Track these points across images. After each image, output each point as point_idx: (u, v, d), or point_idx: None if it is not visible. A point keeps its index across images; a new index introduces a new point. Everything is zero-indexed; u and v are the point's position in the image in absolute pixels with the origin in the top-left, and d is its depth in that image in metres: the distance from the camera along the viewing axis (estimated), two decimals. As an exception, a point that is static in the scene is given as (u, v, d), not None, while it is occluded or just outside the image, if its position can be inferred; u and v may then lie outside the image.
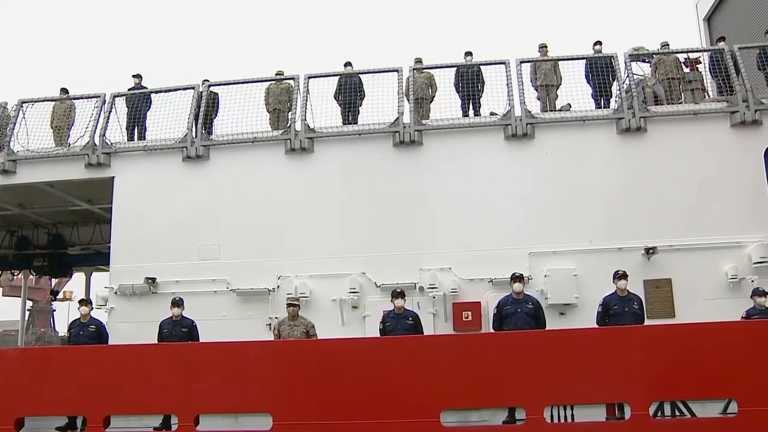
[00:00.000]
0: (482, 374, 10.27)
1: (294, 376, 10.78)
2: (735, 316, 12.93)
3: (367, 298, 15.50)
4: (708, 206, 15.34)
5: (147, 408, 11.05)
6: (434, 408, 10.23)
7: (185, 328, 12.89)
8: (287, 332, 12.51)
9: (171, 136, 17.04)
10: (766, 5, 19.88)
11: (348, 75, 17.32)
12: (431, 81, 17.18)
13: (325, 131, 16.58)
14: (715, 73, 16.85)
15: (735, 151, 15.65)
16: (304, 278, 15.73)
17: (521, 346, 10.64)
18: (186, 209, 16.56)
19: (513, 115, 16.04)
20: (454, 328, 15.11)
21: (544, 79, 16.90)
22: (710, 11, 24.22)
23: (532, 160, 15.96)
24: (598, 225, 15.48)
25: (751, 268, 14.92)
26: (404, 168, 16.19)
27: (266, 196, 16.39)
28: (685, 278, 15.05)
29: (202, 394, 10.75)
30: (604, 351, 10.33)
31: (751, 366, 9.87)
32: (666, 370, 10.18)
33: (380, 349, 11.23)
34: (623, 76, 16.56)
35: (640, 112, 15.87)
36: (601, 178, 15.78)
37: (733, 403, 10.19)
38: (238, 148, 16.80)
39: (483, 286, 15.27)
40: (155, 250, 16.37)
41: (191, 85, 17.54)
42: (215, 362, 10.99)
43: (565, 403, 10.85)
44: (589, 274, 14.88)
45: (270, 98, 17.43)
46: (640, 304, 12.36)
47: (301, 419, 10.41)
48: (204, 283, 15.88)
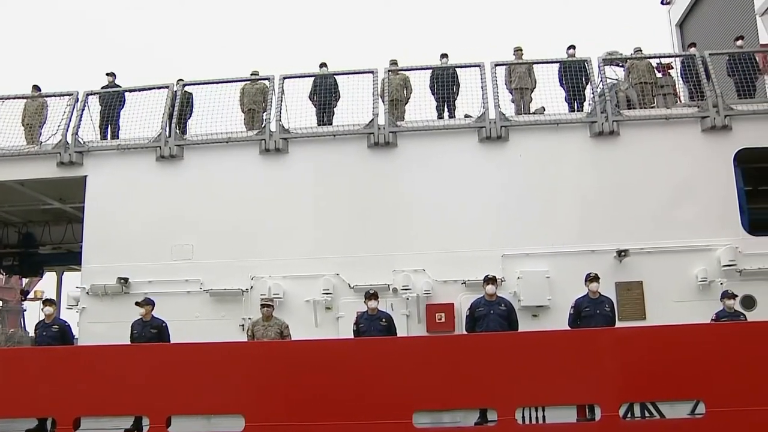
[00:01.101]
0: (454, 376, 10.29)
1: (267, 377, 10.73)
2: (705, 318, 13.11)
3: (340, 300, 15.51)
4: (679, 210, 15.53)
5: (118, 409, 10.95)
6: (407, 409, 10.23)
7: (155, 328, 12.76)
8: (261, 333, 12.45)
9: (145, 135, 16.92)
10: (736, 12, 20.13)
11: (323, 76, 17.30)
12: (406, 83, 17.23)
13: (300, 132, 16.56)
14: (687, 79, 17.10)
15: (705, 156, 15.87)
16: (278, 279, 15.70)
17: (493, 347, 10.68)
18: (159, 209, 16.44)
19: (487, 118, 16.12)
20: (427, 329, 15.16)
21: (519, 82, 17.00)
22: (682, 17, 24.49)
23: (505, 162, 16.05)
24: (570, 227, 15.61)
25: (721, 270, 15.14)
26: (379, 169, 16.21)
27: (240, 197, 16.33)
28: (655, 281, 15.24)
29: (174, 396, 10.67)
30: (575, 353, 10.39)
31: (719, 368, 9.99)
32: (636, 371, 10.26)
33: (353, 350, 11.22)
34: (597, 80, 16.70)
35: (613, 116, 16.02)
36: (574, 181, 15.91)
37: (701, 404, 10.30)
38: (212, 148, 16.72)
39: (456, 287, 15.33)
40: (128, 250, 16.23)
41: (165, 84, 17.41)
42: (187, 363, 10.91)
43: (537, 404, 10.90)
44: (562, 276, 15.01)
45: (245, 98, 17.36)
46: (611, 307, 12.47)
47: (274, 420, 10.37)
48: (177, 284, 15.78)
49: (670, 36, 25.35)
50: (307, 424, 10.28)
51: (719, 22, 21.51)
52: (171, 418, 10.80)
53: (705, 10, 23.11)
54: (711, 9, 22.61)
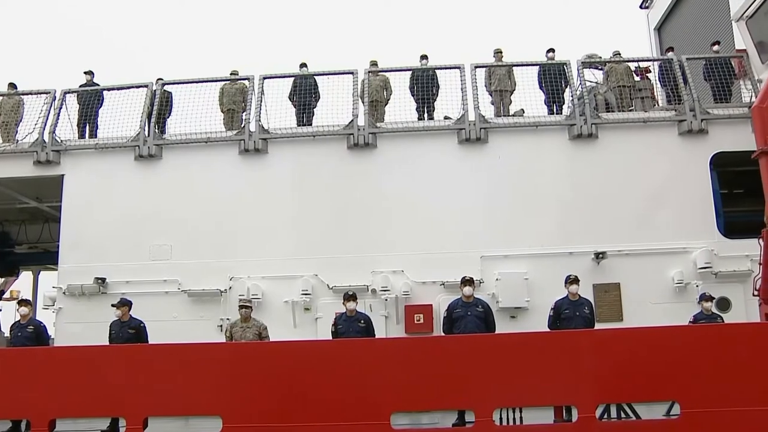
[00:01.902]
0: (432, 377, 10.30)
1: (245, 379, 10.68)
2: (680, 320, 13.23)
3: (319, 300, 15.52)
4: (656, 212, 15.69)
5: (94, 411, 10.86)
6: (385, 410, 10.23)
7: (132, 329, 12.66)
8: (239, 334, 12.42)
9: (123, 134, 16.83)
10: (713, 18, 20.32)
11: (303, 76, 17.28)
12: (386, 84, 17.24)
13: (280, 132, 16.54)
14: (664, 82, 17.27)
15: (682, 159, 16.04)
16: (257, 279, 15.67)
17: (471, 349, 10.69)
18: (138, 209, 16.35)
19: (467, 120, 16.20)
20: (406, 330, 15.21)
21: (498, 85, 17.06)
22: (660, 21, 24.67)
23: (485, 164, 16.13)
24: (549, 229, 15.70)
25: (696, 273, 15.31)
26: (358, 170, 16.23)
27: (219, 197, 16.28)
28: (633, 283, 15.38)
29: (151, 396, 10.60)
30: (552, 354, 10.42)
31: (694, 369, 10.08)
32: (613, 373, 10.32)
33: (331, 351, 11.19)
34: (576, 83, 16.81)
35: (592, 119, 16.15)
36: (552, 183, 16.02)
37: (676, 405, 10.38)
38: (191, 148, 16.66)
39: (435, 288, 15.38)
40: (105, 249, 16.13)
41: (144, 83, 17.34)
42: (165, 364, 10.84)
43: (514, 405, 10.95)
44: (540, 277, 15.11)
45: (224, 98, 17.31)
46: (590, 309, 12.53)
47: (252, 422, 10.32)
48: (155, 284, 15.72)
49: (649, 40, 25.54)
50: (284, 426, 10.24)
51: (696, 27, 21.71)
52: (148, 419, 10.72)
53: (683, 15, 23.32)
54: (688, 14, 22.81)
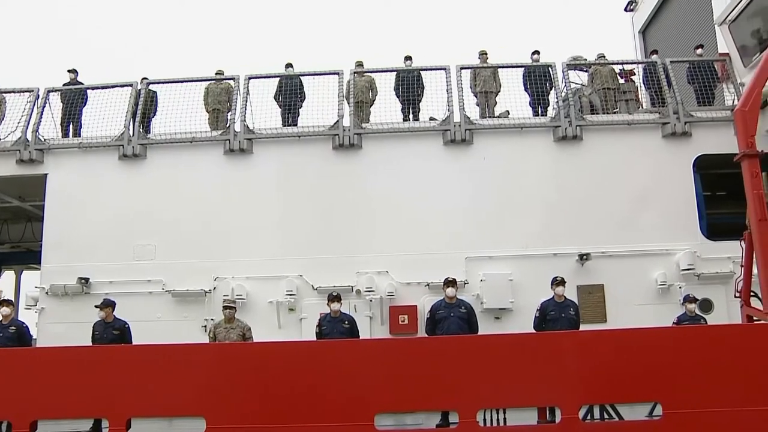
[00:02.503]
0: (416, 378, 10.31)
1: (228, 380, 10.66)
2: (663, 321, 13.34)
3: (303, 301, 15.50)
4: (640, 214, 15.78)
5: (76, 412, 10.80)
6: (369, 411, 10.23)
7: (117, 330, 12.61)
8: (223, 335, 12.39)
9: (107, 133, 16.73)
10: (697, 22, 20.45)
11: (289, 76, 17.25)
12: (372, 85, 17.24)
13: (265, 132, 16.51)
14: (649, 85, 17.38)
15: (666, 161, 16.15)
16: (241, 280, 15.64)
17: (455, 350, 10.71)
18: (122, 208, 16.26)
19: (452, 121, 16.23)
20: (390, 331, 15.22)
21: (484, 86, 17.10)
22: (645, 24, 24.79)
23: (470, 165, 16.17)
24: (533, 231, 15.75)
25: (679, 274, 15.43)
26: (343, 171, 16.23)
27: (204, 197, 16.23)
28: (616, 284, 15.47)
29: (134, 398, 10.54)
30: (535, 355, 10.46)
31: (676, 370, 10.14)
32: (596, 374, 10.37)
33: (315, 352, 11.18)
34: (561, 85, 16.88)
35: (577, 121, 16.21)
36: (537, 184, 16.08)
37: (658, 406, 10.44)
38: (176, 147, 16.59)
39: (420, 289, 15.41)
40: (89, 249, 16.03)
41: (129, 82, 17.26)
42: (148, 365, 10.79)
43: (498, 406, 10.99)
44: (525, 279, 15.16)
45: (209, 98, 17.26)
46: (576, 310, 12.60)
47: (235, 423, 10.29)
48: (139, 284, 15.66)
49: (634, 42, 25.66)
50: (268, 427, 10.22)
51: (680, 30, 21.84)
52: (131, 420, 10.67)
53: (667, 19, 23.44)
54: (673, 17, 22.94)
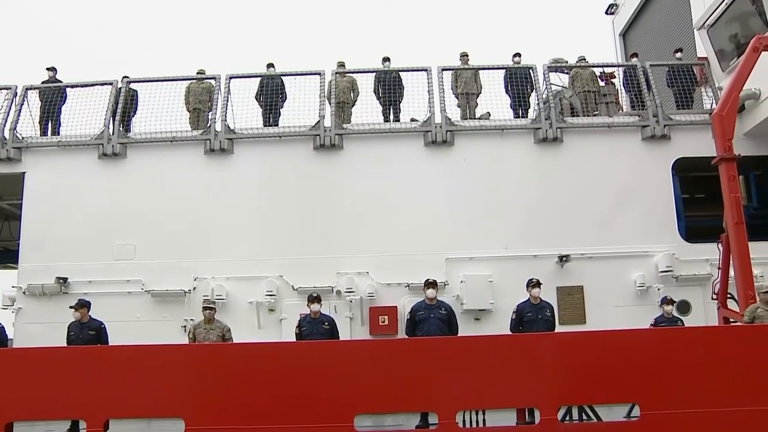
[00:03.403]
0: (396, 379, 10.32)
1: (207, 381, 10.61)
2: (642, 323, 13.45)
3: (283, 301, 15.48)
4: (619, 216, 15.89)
5: (53, 414, 10.71)
6: (348, 412, 10.22)
7: (93, 330, 12.49)
8: (203, 336, 12.32)
9: (87, 132, 16.61)
10: (676, 25, 20.62)
11: (270, 76, 17.21)
12: (353, 85, 17.23)
13: (246, 132, 16.46)
14: (629, 88, 17.50)
15: (645, 164, 16.28)
16: (221, 280, 15.59)
17: (434, 351, 10.74)
18: (101, 208, 16.15)
19: (433, 122, 16.27)
20: (370, 332, 15.22)
21: (465, 88, 17.14)
22: (625, 27, 24.94)
23: (450, 167, 16.21)
24: (513, 232, 15.82)
25: (658, 276, 15.55)
26: (324, 171, 16.22)
27: (184, 197, 16.16)
28: (596, 285, 15.56)
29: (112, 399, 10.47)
30: (515, 357, 10.50)
31: (653, 372, 10.21)
32: (574, 376, 10.42)
33: (295, 353, 11.16)
34: (541, 87, 16.95)
35: (557, 123, 16.30)
36: (517, 186, 16.15)
37: (636, 407, 10.52)
38: (156, 147, 16.50)
39: (400, 290, 15.43)
40: (67, 249, 15.92)
41: (109, 80, 17.15)
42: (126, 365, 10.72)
43: (477, 408, 11.01)
44: (505, 280, 15.20)
45: (190, 97, 17.18)
46: (552, 312, 12.65)
47: (214, 424, 10.25)
48: (118, 284, 15.57)
49: (614, 45, 25.80)
50: (247, 428, 10.18)
51: (660, 34, 22.00)
52: (109, 421, 10.60)
53: (647, 22, 23.59)
54: (653, 21, 23.09)
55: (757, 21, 15.08)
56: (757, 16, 15.05)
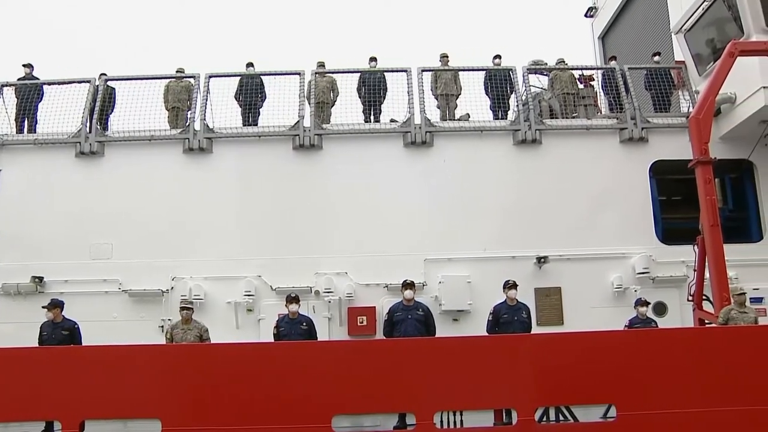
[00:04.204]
0: (374, 380, 10.33)
1: (185, 381, 10.57)
2: (619, 324, 13.59)
3: (262, 302, 15.41)
4: (597, 218, 15.98)
5: (27, 415, 10.59)
6: (326, 413, 10.22)
7: (66, 330, 12.39)
8: (180, 336, 12.27)
9: (64, 130, 16.47)
10: (654, 29, 20.79)
11: (249, 76, 17.16)
12: (333, 85, 17.20)
13: (225, 132, 16.40)
14: (607, 91, 17.63)
15: (623, 166, 16.39)
16: (199, 280, 15.50)
17: (412, 352, 10.76)
18: (78, 206, 15.99)
19: (413, 123, 16.28)
20: (349, 332, 15.20)
21: (444, 89, 17.16)
22: (605, 30, 25.13)
23: (430, 167, 16.24)
24: (492, 233, 15.85)
25: (635, 278, 15.65)
26: (303, 172, 16.19)
27: (162, 196, 16.04)
28: (573, 287, 15.64)
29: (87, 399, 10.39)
30: (492, 358, 10.54)
31: (629, 373, 10.30)
32: (551, 377, 10.48)
33: (273, 354, 11.14)
34: (521, 89, 17.01)
35: (536, 125, 16.37)
36: (496, 187, 16.19)
37: (612, 408, 10.60)
38: (134, 145, 16.39)
39: (378, 291, 15.42)
40: (43, 248, 15.74)
41: (87, 78, 17.00)
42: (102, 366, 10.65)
43: (455, 408, 11.03)
44: (483, 281, 15.21)
45: (169, 96, 17.07)
46: (528, 313, 12.75)
47: (191, 425, 10.21)
48: (95, 283, 15.42)
49: (593, 48, 25.97)
50: (225, 428, 10.15)
51: (639, 37, 22.18)
52: (85, 422, 10.52)
53: (626, 25, 23.78)
54: (631, 24, 23.28)
55: (733, 26, 15.24)
56: (733, 21, 15.20)
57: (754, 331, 11.41)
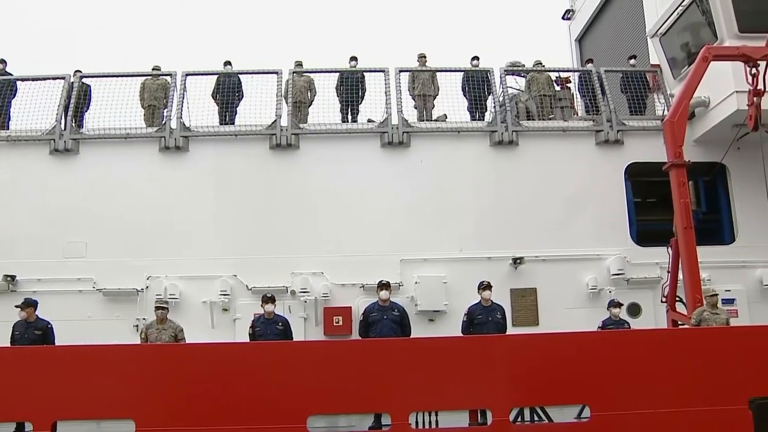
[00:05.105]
0: (349, 381, 10.33)
1: (159, 381, 10.50)
2: (594, 325, 13.71)
3: (237, 301, 15.34)
4: (572, 219, 16.09)
5: (-3, 415, 10.46)
6: (301, 413, 10.20)
7: (39, 330, 12.24)
8: (155, 336, 12.18)
9: (38, 127, 16.29)
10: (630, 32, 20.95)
11: (227, 74, 17.09)
12: (311, 85, 17.18)
13: (201, 130, 16.32)
14: (584, 93, 17.73)
15: (598, 168, 16.52)
16: (174, 279, 15.40)
17: (387, 353, 10.78)
18: (52, 204, 15.83)
19: (390, 123, 16.31)
20: (324, 332, 15.18)
21: (422, 89, 17.20)
22: (581, 33, 25.27)
23: (406, 168, 16.27)
24: (468, 234, 15.91)
25: (610, 279, 15.78)
26: (280, 171, 16.15)
27: (138, 195, 15.93)
28: (549, 288, 15.73)
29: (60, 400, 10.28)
30: (468, 359, 10.57)
31: (603, 373, 10.38)
32: (526, 377, 10.54)
33: (248, 354, 11.10)
34: (498, 90, 17.07)
35: (513, 126, 16.44)
36: (473, 188, 16.26)
37: (586, 408, 10.67)
38: (109, 143, 16.26)
39: (354, 291, 15.42)
40: (16, 246, 15.54)
41: (62, 75, 16.84)
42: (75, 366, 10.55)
43: (430, 409, 11.05)
44: (459, 281, 15.25)
45: (145, 94, 16.97)
46: (502, 314, 12.77)
47: (165, 425, 10.14)
48: (68, 282, 15.25)
49: (570, 50, 26.11)
50: (199, 429, 10.10)
51: (615, 40, 22.33)
52: (57, 423, 10.41)
53: (602, 28, 23.92)
54: (608, 27, 23.42)
55: (707, 31, 15.41)
56: (707, 26, 15.38)
57: (725, 332, 11.55)
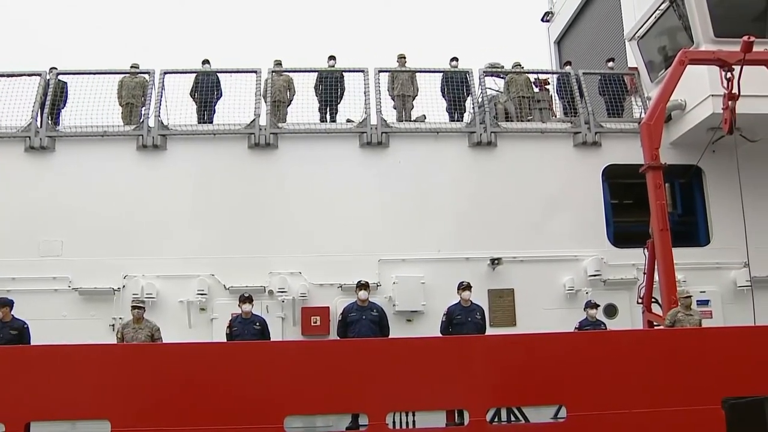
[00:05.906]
0: (326, 380, 10.33)
1: (135, 381, 10.43)
2: (571, 325, 13.79)
3: (215, 301, 15.28)
4: (550, 220, 16.18)
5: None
6: (278, 413, 10.19)
7: (14, 330, 12.08)
8: (131, 336, 12.10)
9: (13, 124, 16.13)
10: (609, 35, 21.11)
11: (205, 73, 17.01)
12: (290, 84, 17.14)
13: (179, 129, 16.23)
14: (562, 95, 17.83)
15: (576, 170, 16.62)
16: (151, 278, 15.31)
17: (365, 353, 10.79)
18: (27, 202, 15.67)
19: (369, 123, 16.31)
20: (302, 332, 15.15)
21: (401, 89, 17.22)
22: (560, 35, 25.45)
23: (385, 168, 16.29)
24: (446, 235, 15.95)
25: (587, 280, 15.88)
26: (258, 170, 16.09)
27: (115, 193, 15.80)
28: (526, 289, 15.81)
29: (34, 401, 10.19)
30: (446, 359, 10.60)
31: (579, 374, 10.46)
32: (503, 378, 10.59)
33: (225, 354, 11.06)
34: (477, 91, 17.13)
35: (491, 128, 16.50)
36: (451, 189, 16.29)
37: (563, 408, 10.74)
38: (86, 141, 16.11)
39: (332, 291, 15.40)
40: (-10, 244, 15.40)
41: (38, 71, 16.67)
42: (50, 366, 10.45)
43: (407, 409, 11.06)
44: (437, 282, 15.30)
45: (123, 92, 16.85)
46: (482, 315, 12.80)
47: (141, 425, 10.08)
48: (43, 281, 15.11)
49: (549, 52, 26.26)
50: (176, 429, 10.06)
51: (594, 43, 22.49)
52: (30, 424, 10.31)
53: (581, 31, 24.09)
54: (586, 30, 23.59)
55: (684, 35, 15.57)
56: (684, 30, 15.53)
57: (699, 334, 11.68)
